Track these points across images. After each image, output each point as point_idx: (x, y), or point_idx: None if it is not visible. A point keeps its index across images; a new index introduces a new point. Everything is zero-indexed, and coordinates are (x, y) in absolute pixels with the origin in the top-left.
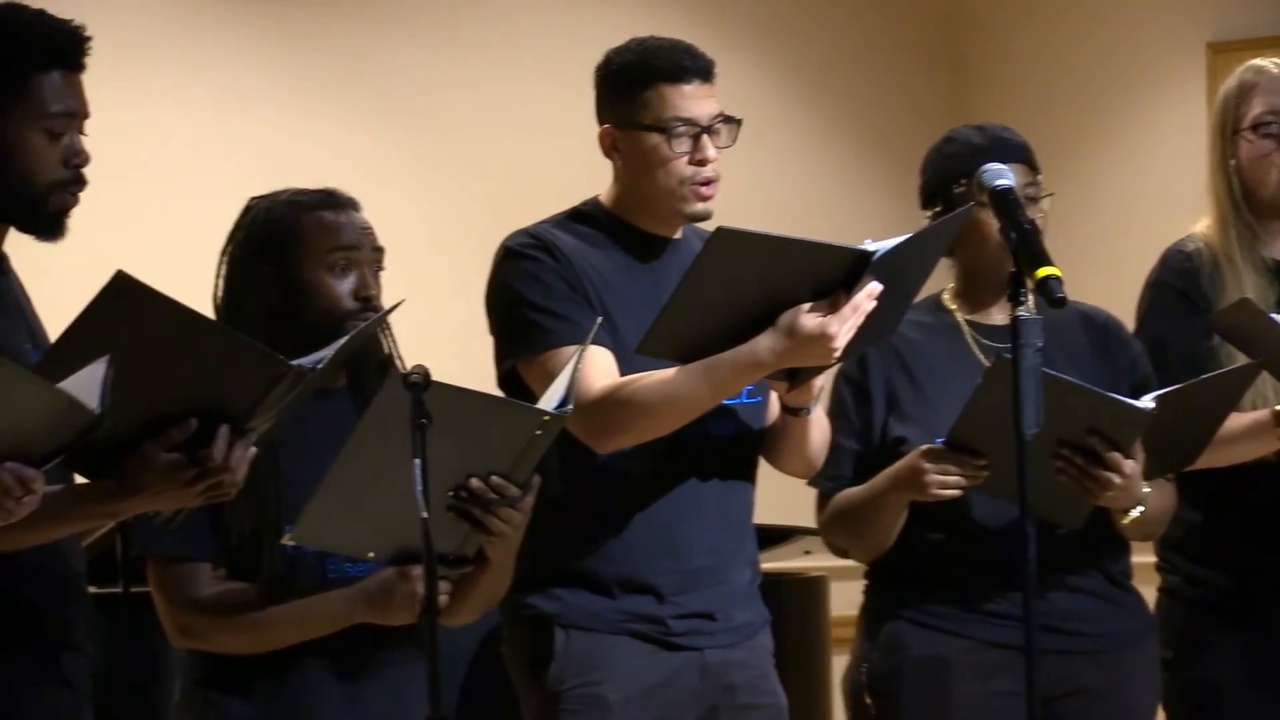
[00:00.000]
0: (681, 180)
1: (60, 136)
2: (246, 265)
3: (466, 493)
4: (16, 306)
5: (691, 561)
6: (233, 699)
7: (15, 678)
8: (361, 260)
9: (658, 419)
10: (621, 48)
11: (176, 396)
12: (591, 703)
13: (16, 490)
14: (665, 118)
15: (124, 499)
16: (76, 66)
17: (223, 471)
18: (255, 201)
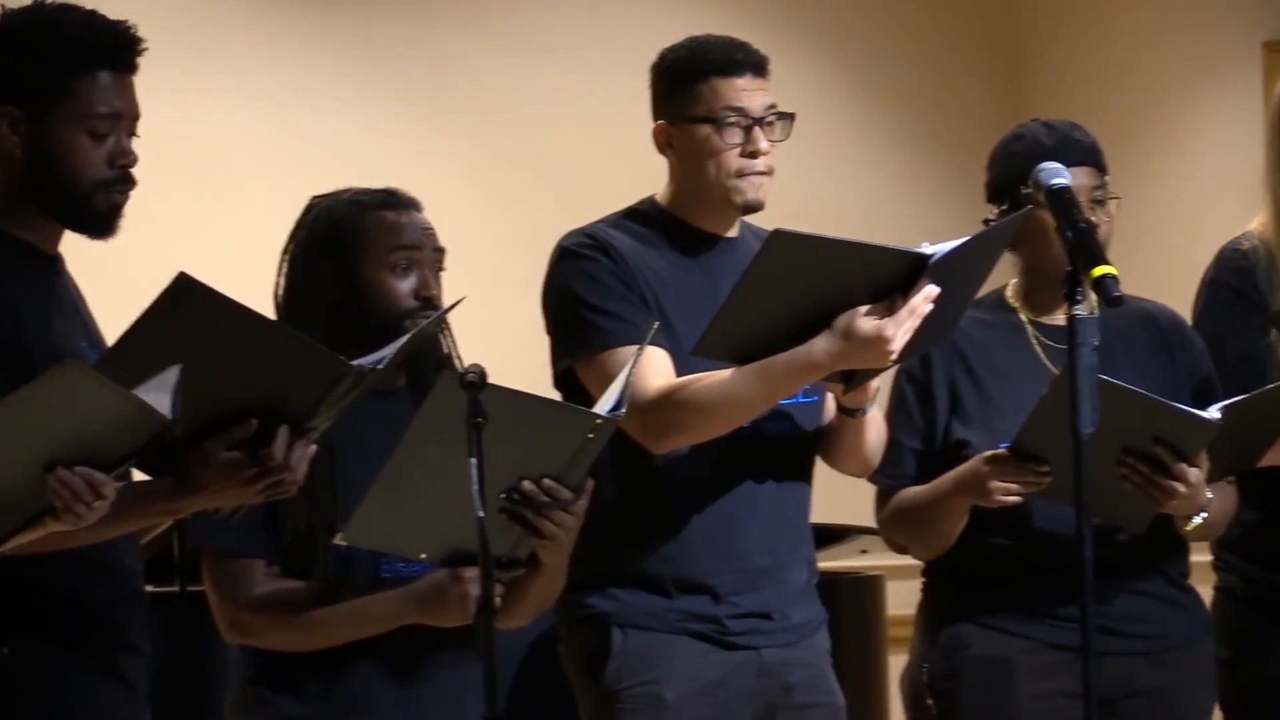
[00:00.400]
0: (732, 172)
1: (106, 137)
2: (307, 264)
3: (519, 495)
4: (73, 306)
5: (748, 561)
6: (286, 697)
7: (73, 676)
8: (422, 260)
9: (714, 420)
10: (676, 45)
11: (237, 396)
12: (649, 702)
13: (87, 495)
14: (716, 109)
15: (184, 497)
16: (126, 68)
17: (283, 470)
18: (317, 200)
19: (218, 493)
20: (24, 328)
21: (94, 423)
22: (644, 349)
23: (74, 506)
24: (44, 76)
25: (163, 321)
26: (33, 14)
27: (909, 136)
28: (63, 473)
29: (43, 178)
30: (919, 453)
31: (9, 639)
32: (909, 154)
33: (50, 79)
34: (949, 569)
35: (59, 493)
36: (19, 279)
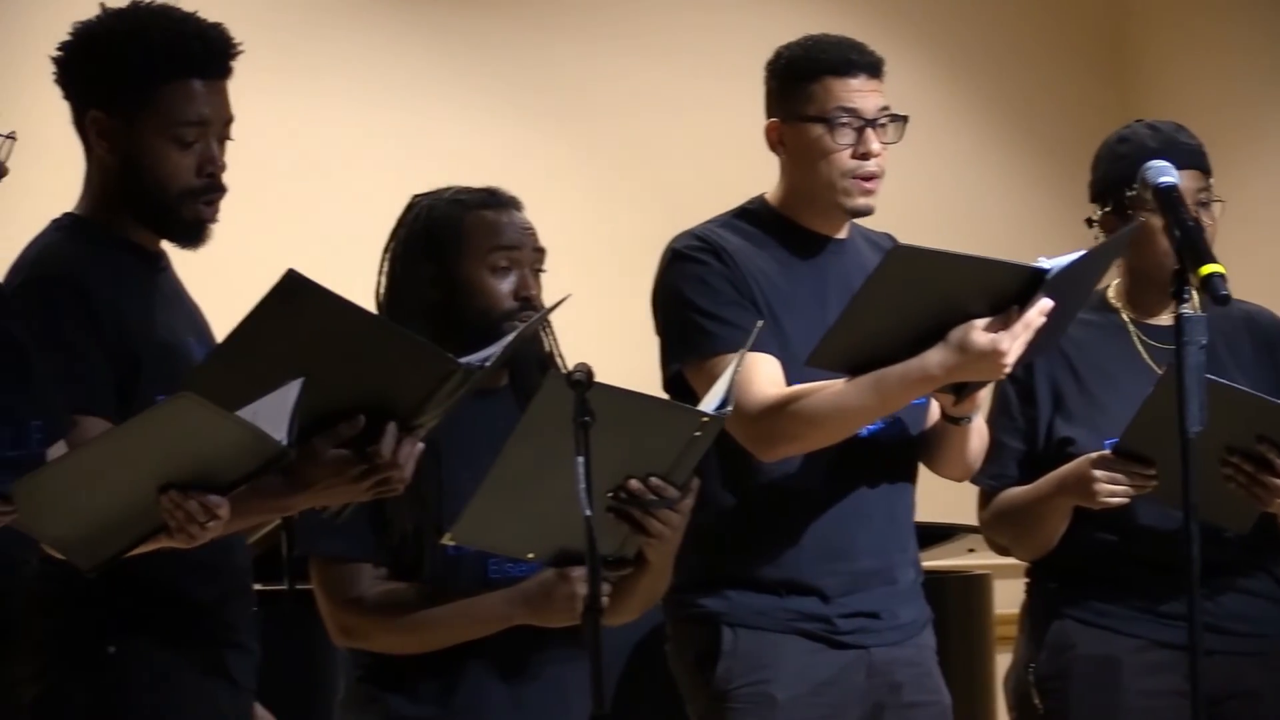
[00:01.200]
0: (843, 173)
1: (194, 145)
2: (408, 263)
3: (625, 494)
4: (179, 301)
5: (857, 563)
6: (397, 696)
7: (180, 675)
8: (522, 260)
9: (825, 431)
10: (791, 43)
11: (345, 393)
12: (759, 701)
13: (201, 516)
14: (829, 109)
15: (292, 494)
16: (217, 73)
17: (391, 468)
18: (418, 199)
19: (326, 490)
20: (130, 326)
21: (210, 448)
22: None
23: (188, 528)
24: (131, 84)
25: (271, 319)
26: (125, 18)
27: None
28: (176, 495)
29: (132, 184)
30: (1021, 454)
31: (116, 637)
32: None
33: (137, 87)
34: (1054, 567)
35: (173, 514)
36: (124, 278)
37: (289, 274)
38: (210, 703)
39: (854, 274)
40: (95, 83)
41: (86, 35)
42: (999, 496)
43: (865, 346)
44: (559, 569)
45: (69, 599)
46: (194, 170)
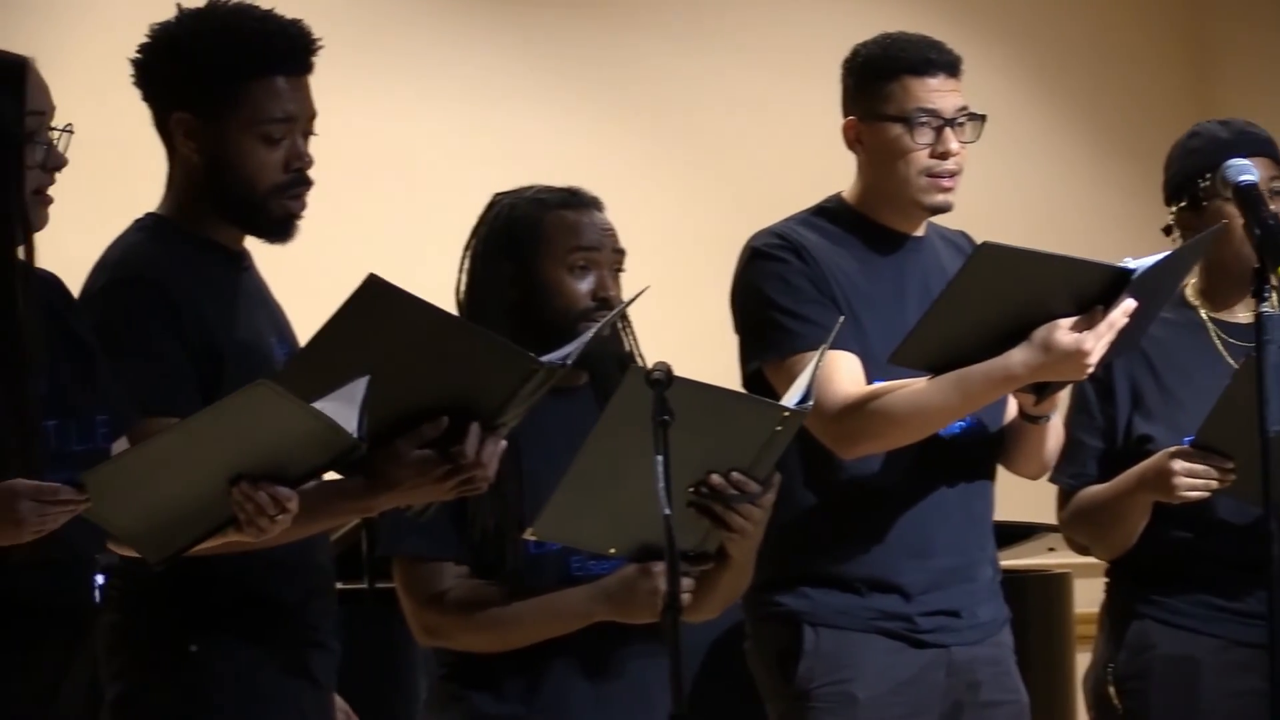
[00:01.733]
0: (921, 171)
1: (280, 141)
2: (488, 261)
3: (707, 489)
4: (261, 302)
5: (938, 560)
6: (483, 695)
7: (262, 674)
8: (602, 261)
9: (907, 429)
10: (869, 41)
11: (428, 394)
12: (841, 700)
13: (271, 509)
14: (908, 108)
15: (376, 495)
16: (300, 69)
17: (475, 467)
18: (499, 198)
19: (410, 491)
20: (212, 326)
21: (282, 438)
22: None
23: (258, 520)
24: (216, 83)
25: (353, 323)
26: (206, 17)
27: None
28: (247, 487)
29: (219, 183)
30: (1100, 452)
31: (198, 636)
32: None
33: (222, 85)
34: (1133, 566)
35: (243, 507)
36: (206, 278)
37: (370, 278)
38: (292, 702)
39: (931, 272)
40: (179, 83)
41: (167, 36)
42: (1078, 495)
43: (948, 345)
44: (640, 564)
45: (150, 597)
46: (281, 166)
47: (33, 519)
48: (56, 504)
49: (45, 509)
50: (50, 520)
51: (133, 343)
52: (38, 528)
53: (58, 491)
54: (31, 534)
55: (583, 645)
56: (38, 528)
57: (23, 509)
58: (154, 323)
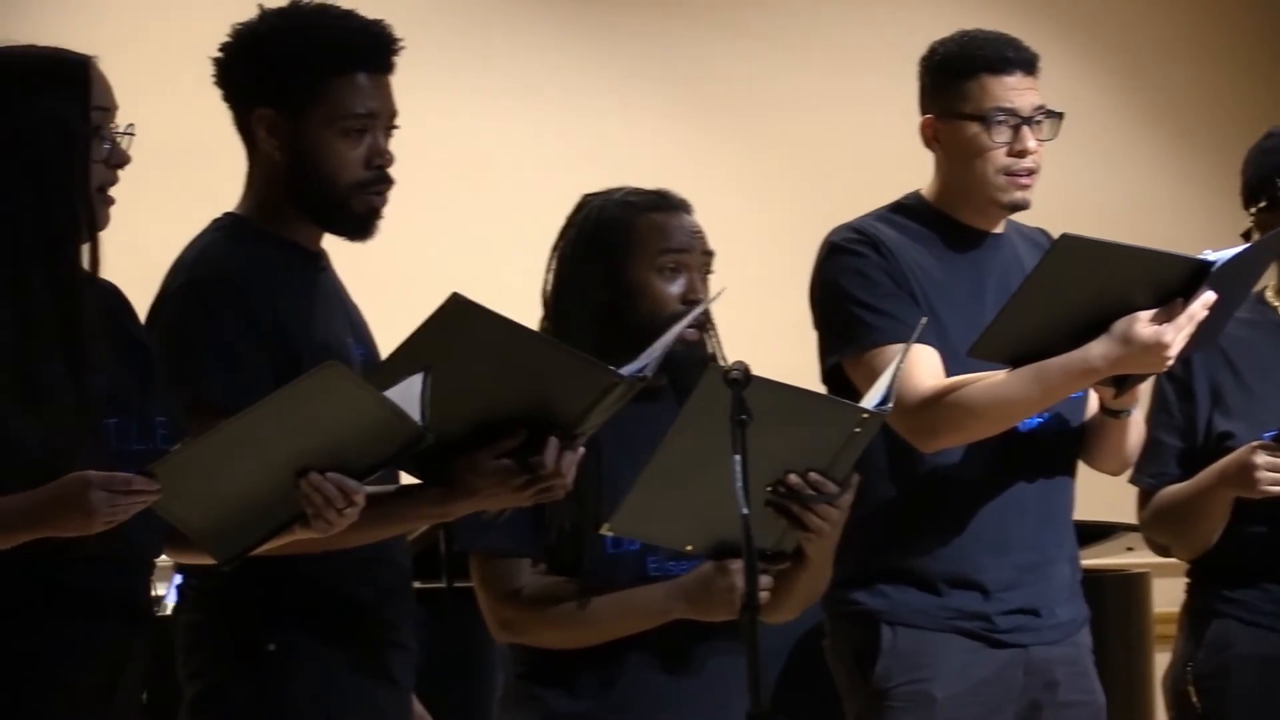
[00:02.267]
0: (999, 170)
1: (362, 137)
2: (576, 262)
3: (784, 488)
4: (338, 301)
5: (1016, 557)
6: (557, 693)
7: (339, 673)
8: (690, 264)
9: (986, 422)
10: (947, 39)
11: (507, 405)
12: (918, 700)
13: (339, 501)
14: (986, 107)
15: (454, 502)
16: (382, 68)
17: (553, 477)
18: (589, 199)
19: (488, 498)
20: (289, 326)
21: (349, 428)
22: (911, 345)
23: (325, 513)
24: (299, 79)
25: (435, 341)
26: (288, 15)
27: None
28: (315, 478)
29: (301, 180)
30: (1180, 451)
31: (276, 636)
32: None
33: (305, 81)
34: (1213, 565)
35: (311, 498)
36: (284, 278)
37: (453, 297)
38: (370, 701)
39: (1010, 268)
40: (261, 79)
41: (250, 34)
42: (1159, 494)
43: (1028, 337)
44: (717, 562)
45: (229, 596)
46: (362, 162)
47: (104, 509)
48: (128, 494)
49: (116, 499)
50: (121, 511)
51: (208, 341)
52: (109, 518)
53: (129, 481)
54: (102, 524)
55: (659, 643)
56: (109, 518)
57: (94, 499)
58: (230, 322)
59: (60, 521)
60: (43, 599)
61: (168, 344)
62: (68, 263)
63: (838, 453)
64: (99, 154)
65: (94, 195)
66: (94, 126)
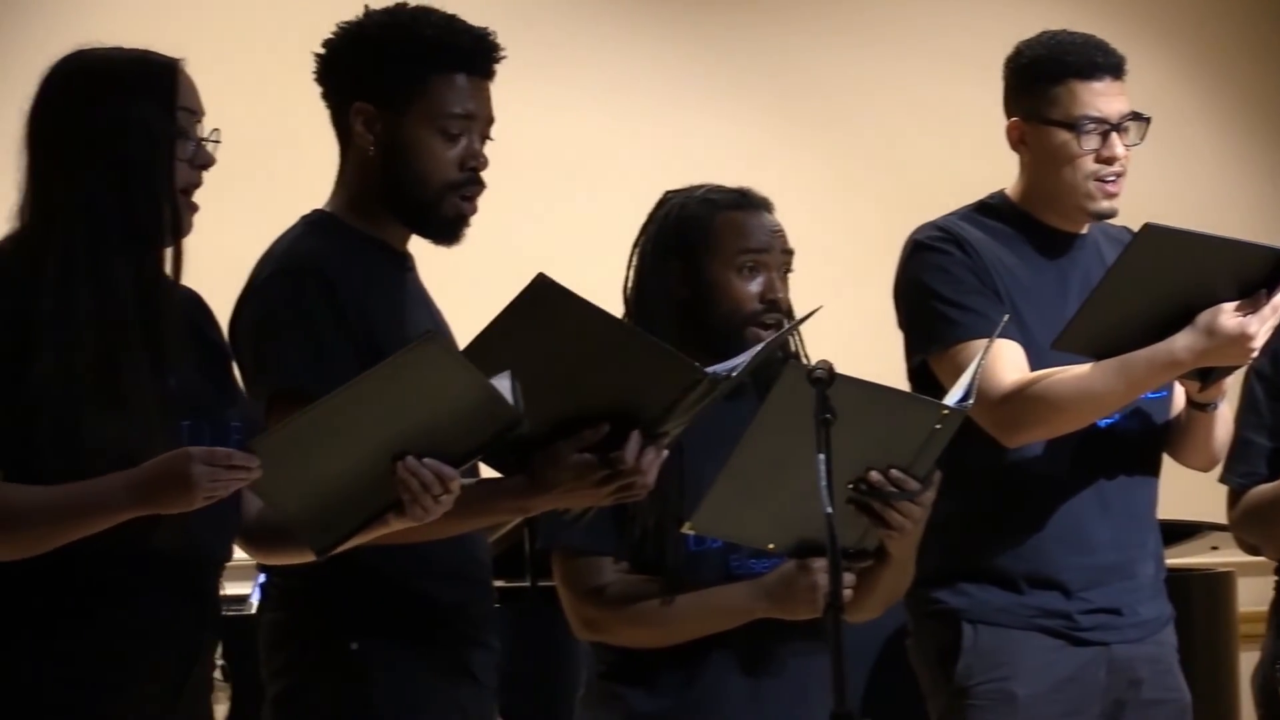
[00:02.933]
0: (1087, 176)
1: (458, 138)
2: (657, 260)
3: (866, 486)
4: (423, 302)
5: (1099, 556)
6: (638, 692)
7: (422, 672)
8: (770, 263)
9: (1070, 415)
10: (1033, 41)
11: (590, 398)
12: (1000, 698)
13: (436, 488)
14: (1075, 114)
15: (534, 496)
16: (483, 72)
17: (634, 474)
18: (670, 196)
19: (568, 493)
20: (375, 321)
21: (445, 409)
22: (994, 341)
23: (421, 499)
24: (401, 74)
25: (520, 322)
26: (393, 13)
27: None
28: (412, 463)
29: (393, 177)
30: (1270, 450)
31: (359, 634)
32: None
33: (407, 77)
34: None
35: (408, 484)
36: (371, 275)
37: (539, 278)
38: (452, 700)
39: (1094, 268)
40: (363, 73)
41: (354, 30)
42: (1248, 494)
43: (1111, 330)
44: (799, 560)
45: (311, 595)
46: (457, 164)
47: (205, 483)
48: (229, 469)
49: (217, 473)
50: (221, 486)
51: (294, 329)
52: (209, 492)
53: (230, 456)
54: (203, 499)
55: (741, 641)
56: (209, 492)
57: (196, 472)
58: (318, 312)
59: (161, 496)
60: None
61: (254, 333)
62: (151, 261)
63: (919, 449)
64: (184, 153)
65: (179, 195)
66: (179, 128)
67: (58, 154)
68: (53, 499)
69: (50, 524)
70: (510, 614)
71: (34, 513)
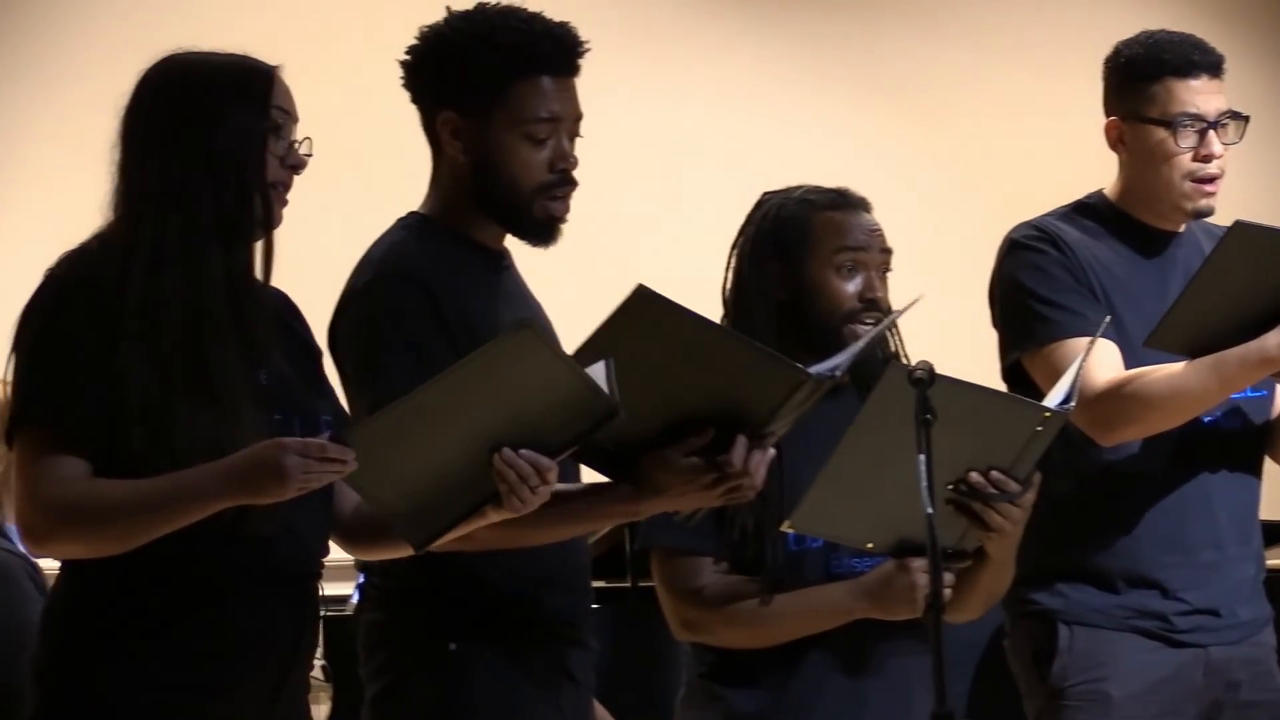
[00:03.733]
0: (1185, 175)
1: (545, 141)
2: (755, 260)
3: (966, 487)
4: (522, 299)
5: (1197, 556)
6: (739, 692)
7: (523, 674)
8: (869, 262)
9: (1164, 413)
10: (1131, 40)
11: (695, 402)
12: (1096, 699)
13: (533, 479)
14: (1172, 112)
15: (643, 500)
16: (567, 70)
17: (742, 476)
18: (768, 197)
19: (677, 497)
20: (475, 323)
21: (541, 400)
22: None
23: (518, 490)
24: (482, 83)
25: (621, 333)
26: (473, 18)
27: None
28: (508, 454)
29: (484, 183)
30: None
31: (458, 635)
32: None
33: (489, 85)
34: None
35: (504, 475)
36: (469, 276)
37: (639, 289)
38: (551, 701)
39: (1193, 267)
40: (447, 83)
41: (436, 38)
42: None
43: (1205, 328)
44: (898, 560)
45: (410, 595)
46: (546, 166)
47: (298, 474)
48: (323, 460)
49: (311, 465)
50: (315, 479)
51: (395, 336)
52: (303, 484)
53: (324, 448)
54: (296, 490)
55: (841, 642)
56: (303, 484)
57: (289, 462)
58: (418, 316)
59: (255, 487)
60: (215, 605)
61: (355, 339)
62: (242, 254)
63: (1020, 451)
64: (276, 150)
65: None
66: (273, 123)
67: (150, 148)
68: (145, 491)
69: (144, 516)
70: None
71: (127, 505)
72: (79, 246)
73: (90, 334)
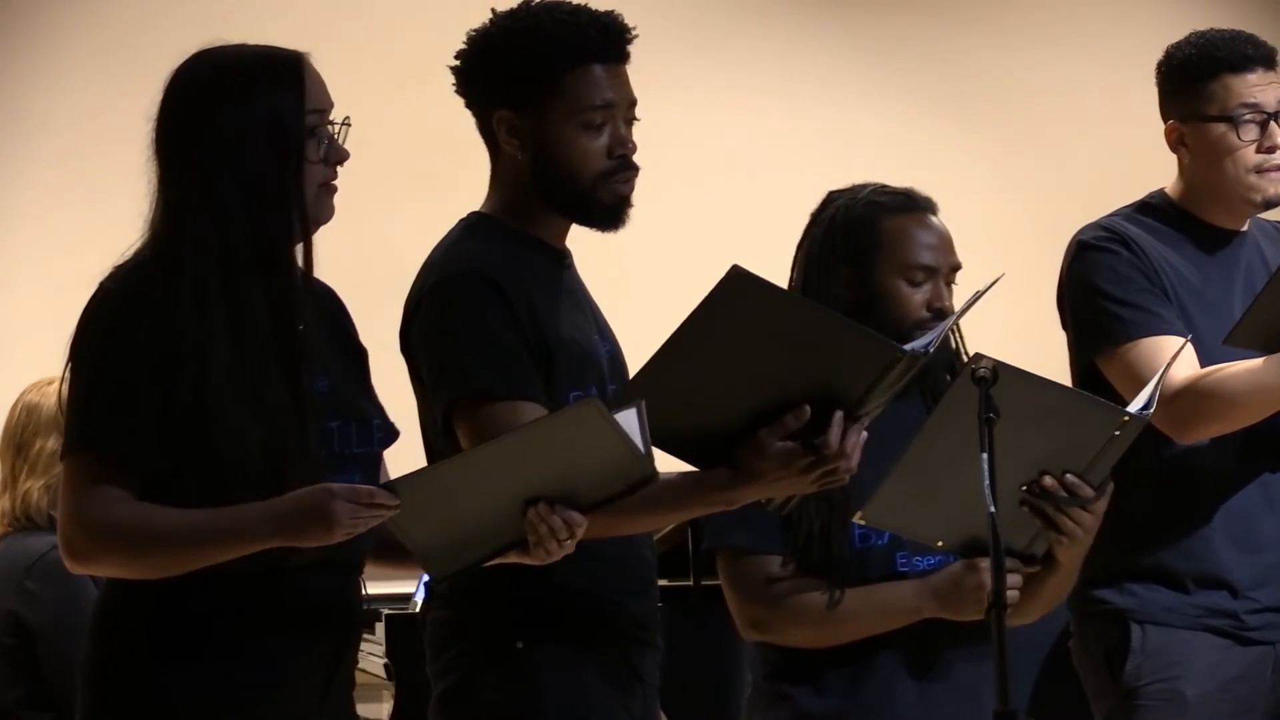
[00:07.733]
0: (1250, 168)
1: (602, 128)
2: (824, 262)
3: (1040, 489)
4: (583, 298)
5: (1267, 555)
6: (805, 691)
7: (590, 672)
8: (939, 273)
9: (1243, 409)
10: (1182, 42)
11: (790, 384)
12: (1170, 699)
13: (563, 534)
14: (1231, 106)
15: (739, 487)
16: (616, 57)
17: (838, 458)
18: (834, 196)
19: (773, 482)
20: (542, 321)
21: (586, 462)
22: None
23: (547, 543)
24: (533, 78)
25: (716, 315)
26: (519, 16)
27: None
28: (544, 509)
29: (546, 176)
30: None
31: (525, 633)
32: None
33: (540, 79)
34: None
35: (536, 528)
36: (533, 274)
37: (734, 270)
38: (618, 700)
39: (1255, 265)
40: (498, 82)
41: (484, 38)
42: None
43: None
44: (967, 560)
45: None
46: (604, 153)
47: (345, 521)
48: (370, 507)
49: (359, 511)
50: (360, 524)
51: (470, 334)
52: (350, 529)
53: (373, 495)
54: (342, 535)
55: (909, 642)
56: (350, 529)
57: (338, 510)
58: (491, 313)
59: (302, 531)
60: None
61: (428, 342)
62: (282, 270)
63: (1096, 455)
64: (315, 155)
65: (310, 201)
66: (308, 128)
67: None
68: (191, 523)
69: (187, 549)
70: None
71: (172, 536)
72: (132, 258)
73: (149, 355)
